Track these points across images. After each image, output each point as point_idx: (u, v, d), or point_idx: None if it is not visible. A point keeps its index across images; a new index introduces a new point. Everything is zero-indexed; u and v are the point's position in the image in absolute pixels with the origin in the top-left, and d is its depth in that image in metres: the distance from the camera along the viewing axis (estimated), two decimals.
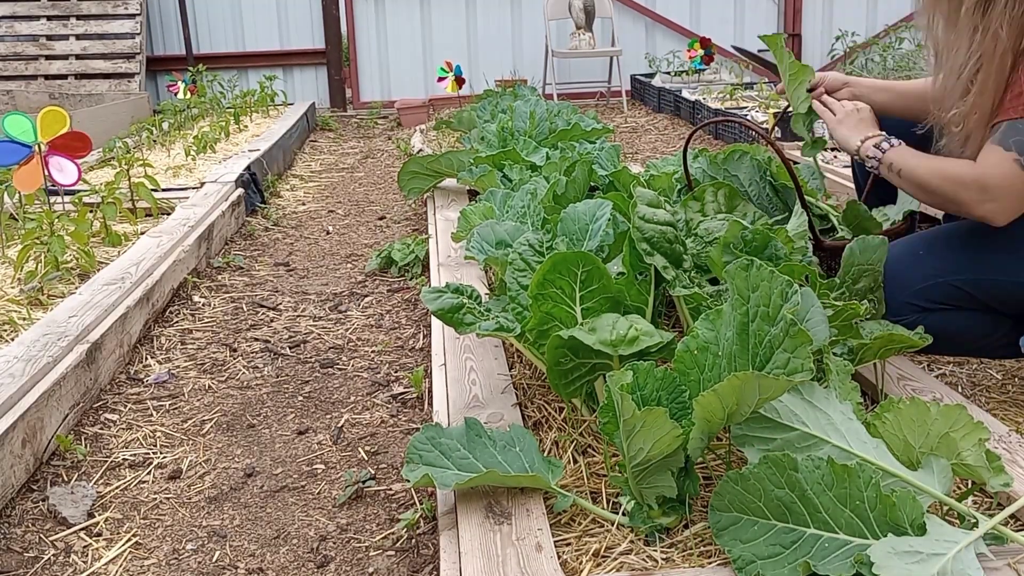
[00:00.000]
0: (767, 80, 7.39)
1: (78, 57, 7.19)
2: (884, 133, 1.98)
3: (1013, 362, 2.07)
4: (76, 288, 2.56)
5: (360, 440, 1.93)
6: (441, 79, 6.30)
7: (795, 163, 2.37)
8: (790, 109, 2.39)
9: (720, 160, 2.46)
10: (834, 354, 1.65)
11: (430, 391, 2.09)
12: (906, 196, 2.17)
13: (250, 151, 4.62)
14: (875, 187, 2.33)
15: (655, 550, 1.34)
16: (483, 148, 3.78)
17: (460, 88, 6.30)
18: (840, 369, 1.49)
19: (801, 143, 2.36)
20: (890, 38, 7.40)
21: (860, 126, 2.03)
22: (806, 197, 2.21)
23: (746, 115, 5.03)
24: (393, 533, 1.58)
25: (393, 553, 1.53)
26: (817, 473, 1.21)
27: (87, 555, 1.55)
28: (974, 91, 1.74)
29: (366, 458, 1.86)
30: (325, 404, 2.11)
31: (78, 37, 7.24)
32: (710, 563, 1.30)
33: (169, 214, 3.43)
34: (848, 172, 2.99)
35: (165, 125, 5.45)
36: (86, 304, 2.32)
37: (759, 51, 2.49)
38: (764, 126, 4.63)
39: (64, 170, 3.06)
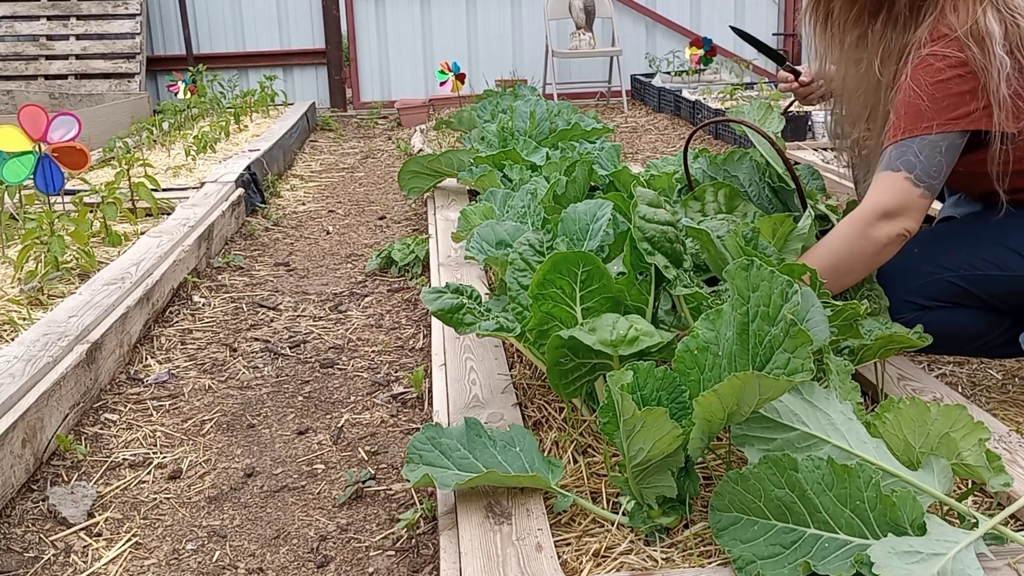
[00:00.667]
0: (767, 80, 7.39)
1: (78, 57, 7.19)
2: None
3: (1013, 362, 2.07)
4: (76, 288, 2.57)
5: (360, 440, 1.93)
6: (443, 83, 6.29)
7: (795, 163, 2.37)
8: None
9: (720, 161, 2.46)
10: (833, 352, 1.65)
11: (430, 391, 2.09)
12: None
13: (250, 151, 4.62)
14: None
15: (655, 550, 1.34)
16: (483, 148, 3.77)
17: (462, 84, 6.29)
18: (840, 369, 1.49)
19: (803, 142, 2.37)
20: None
21: None
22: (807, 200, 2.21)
23: None
24: (393, 533, 1.58)
25: (393, 553, 1.53)
26: (817, 473, 1.21)
27: (87, 555, 1.55)
28: (860, 117, 1.86)
29: (366, 458, 1.86)
30: (325, 404, 2.11)
31: (78, 37, 7.24)
32: (710, 563, 1.30)
33: (169, 214, 3.43)
34: (848, 172, 3.00)
35: (165, 125, 5.45)
36: (86, 304, 2.32)
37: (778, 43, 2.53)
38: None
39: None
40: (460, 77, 6.26)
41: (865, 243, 1.76)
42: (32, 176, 2.98)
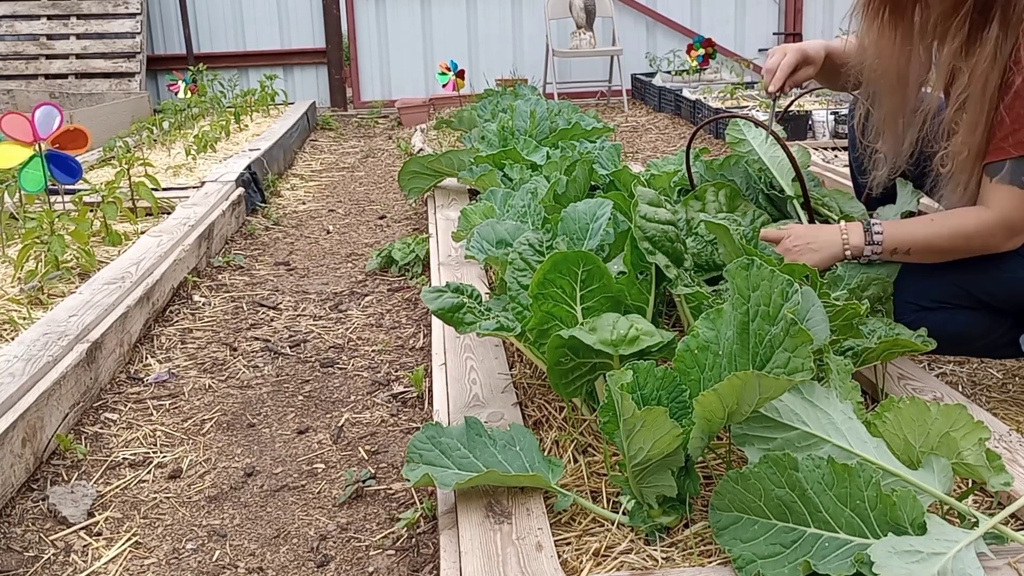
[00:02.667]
0: None
1: (78, 56, 7.19)
2: (853, 223, 1.88)
3: (1013, 361, 2.07)
4: (76, 287, 2.57)
5: (360, 439, 1.93)
6: (445, 84, 6.29)
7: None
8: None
9: (716, 166, 2.48)
10: (836, 354, 1.64)
11: (430, 390, 2.09)
12: (905, 197, 2.17)
13: (250, 150, 4.62)
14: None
15: (655, 549, 1.34)
16: (483, 147, 3.77)
17: (463, 81, 6.28)
18: (840, 368, 1.49)
19: (803, 141, 2.37)
20: None
21: (818, 240, 1.89)
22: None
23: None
24: (393, 532, 1.58)
25: (393, 552, 1.53)
26: (817, 472, 1.21)
27: (87, 554, 1.55)
28: (962, 131, 1.72)
29: (366, 457, 1.86)
30: (325, 403, 2.11)
31: (78, 36, 7.24)
32: (710, 562, 1.30)
33: (169, 213, 3.43)
34: (848, 171, 3.00)
35: (165, 124, 5.45)
36: (86, 303, 2.32)
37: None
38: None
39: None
40: (460, 74, 6.26)
41: (982, 247, 1.75)
42: (51, 175, 2.99)
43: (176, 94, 6.10)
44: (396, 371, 2.27)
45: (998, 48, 1.64)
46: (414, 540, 1.55)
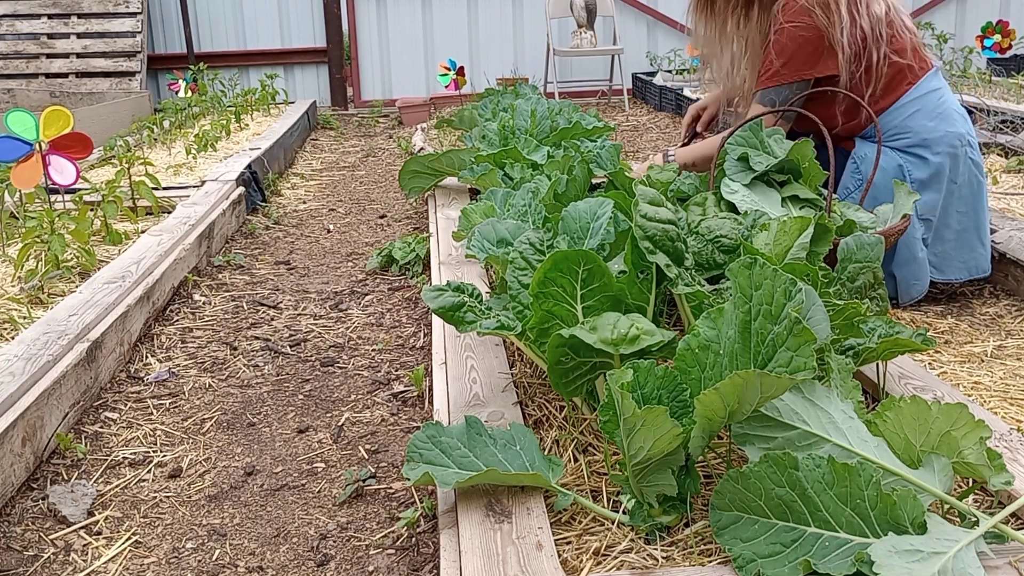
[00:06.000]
0: None
1: (79, 55, 7.19)
2: (658, 154, 2.96)
3: (1015, 361, 2.07)
4: (76, 286, 2.56)
5: (360, 438, 1.93)
6: (448, 85, 6.28)
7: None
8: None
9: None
10: (837, 353, 1.64)
11: (430, 389, 2.09)
12: (902, 199, 2.18)
13: (251, 149, 4.62)
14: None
15: (655, 548, 1.34)
16: (484, 147, 3.77)
17: (463, 78, 6.27)
18: (841, 368, 1.49)
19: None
20: None
21: (643, 163, 2.99)
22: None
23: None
24: (393, 531, 1.58)
25: (393, 551, 1.53)
26: (818, 472, 1.21)
27: (87, 554, 1.55)
28: (749, 78, 2.61)
29: (366, 456, 1.85)
30: (325, 402, 2.11)
31: (79, 35, 7.24)
32: (710, 562, 1.30)
33: (170, 212, 3.43)
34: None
35: (166, 123, 5.45)
36: (86, 303, 2.32)
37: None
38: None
39: (63, 171, 3.06)
40: (460, 71, 6.25)
41: None
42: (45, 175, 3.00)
43: (177, 93, 6.11)
44: (396, 370, 2.27)
45: (759, 21, 2.54)
46: (414, 539, 1.55)
